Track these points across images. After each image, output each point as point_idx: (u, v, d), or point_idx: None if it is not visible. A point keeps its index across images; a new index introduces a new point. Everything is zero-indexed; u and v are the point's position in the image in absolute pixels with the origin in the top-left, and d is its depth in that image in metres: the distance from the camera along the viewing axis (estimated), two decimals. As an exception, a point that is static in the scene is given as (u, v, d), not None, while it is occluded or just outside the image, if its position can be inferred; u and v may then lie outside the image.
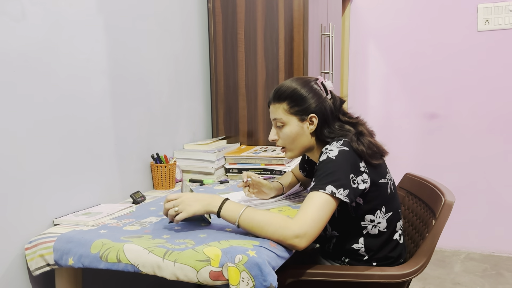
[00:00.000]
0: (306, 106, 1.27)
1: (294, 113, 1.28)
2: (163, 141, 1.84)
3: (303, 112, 1.27)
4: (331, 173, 1.12)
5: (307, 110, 1.27)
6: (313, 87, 1.28)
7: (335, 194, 1.10)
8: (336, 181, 1.11)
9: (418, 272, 1.14)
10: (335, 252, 1.30)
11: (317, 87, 1.29)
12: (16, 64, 1.17)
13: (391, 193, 1.25)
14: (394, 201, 1.27)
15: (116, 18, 1.53)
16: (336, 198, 1.10)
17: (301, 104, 1.27)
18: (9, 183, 1.16)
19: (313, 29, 2.06)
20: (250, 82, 2.08)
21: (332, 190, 1.10)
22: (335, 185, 1.11)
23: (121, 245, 1.07)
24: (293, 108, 1.28)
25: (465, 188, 2.87)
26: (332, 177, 1.11)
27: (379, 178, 1.21)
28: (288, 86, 1.29)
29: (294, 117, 1.28)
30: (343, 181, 1.12)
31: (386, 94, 3.04)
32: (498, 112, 2.78)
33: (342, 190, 1.11)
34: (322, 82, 1.30)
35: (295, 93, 1.28)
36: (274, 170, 1.80)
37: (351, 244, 1.25)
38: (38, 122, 1.24)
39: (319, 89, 1.29)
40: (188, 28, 2.00)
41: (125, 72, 1.59)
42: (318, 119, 1.27)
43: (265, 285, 0.95)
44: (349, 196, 1.12)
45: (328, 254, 1.33)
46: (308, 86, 1.28)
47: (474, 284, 2.46)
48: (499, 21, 2.70)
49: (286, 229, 1.06)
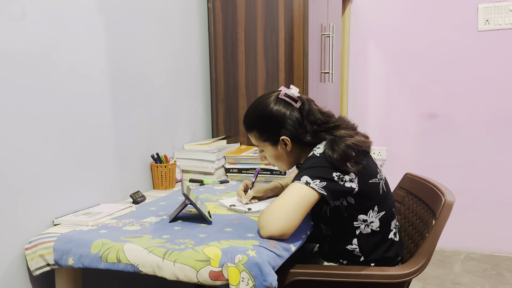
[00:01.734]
0: (274, 130, 1.26)
1: (265, 140, 1.29)
2: (163, 141, 1.84)
3: (273, 137, 1.27)
4: (312, 167, 1.14)
5: (277, 134, 1.26)
6: (276, 106, 1.26)
7: (310, 184, 1.11)
8: (313, 173, 1.12)
9: (418, 272, 1.14)
10: (331, 253, 1.30)
11: (283, 101, 1.26)
12: (16, 64, 1.17)
13: (383, 192, 1.25)
14: (388, 200, 1.27)
15: (116, 18, 1.53)
16: (311, 188, 1.11)
17: (268, 130, 1.27)
18: (9, 183, 1.16)
19: (313, 29, 2.06)
20: (250, 82, 2.08)
21: (307, 180, 1.11)
22: (311, 175, 1.12)
23: (121, 245, 1.07)
24: (263, 135, 1.29)
25: (465, 188, 2.87)
26: (311, 171, 1.13)
27: (368, 178, 1.21)
28: (252, 115, 1.30)
29: (267, 143, 1.30)
30: (321, 174, 1.13)
31: (386, 94, 3.04)
32: (498, 112, 2.78)
33: (318, 181, 1.11)
34: (286, 94, 1.27)
35: (259, 120, 1.28)
36: (274, 170, 1.80)
37: (345, 245, 1.25)
38: (38, 122, 1.24)
39: (284, 104, 1.26)
40: (188, 28, 2.00)
41: (125, 72, 1.59)
42: (290, 139, 1.26)
43: (265, 285, 0.95)
44: (327, 188, 1.12)
45: (325, 255, 1.33)
46: (271, 107, 1.26)
47: (474, 284, 2.46)
48: (499, 21, 2.70)
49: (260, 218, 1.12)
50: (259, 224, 1.11)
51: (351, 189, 1.16)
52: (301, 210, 1.10)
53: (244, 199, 1.42)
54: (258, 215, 1.30)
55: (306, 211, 1.11)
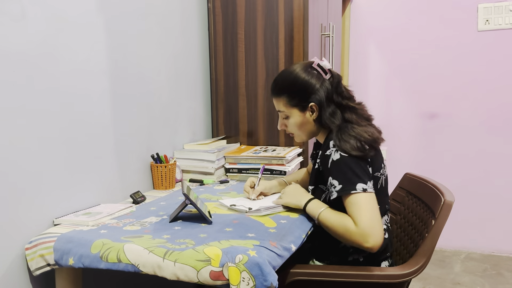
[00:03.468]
0: (305, 96, 1.29)
1: (294, 105, 1.32)
2: (163, 141, 1.84)
3: (302, 103, 1.30)
4: (353, 171, 1.17)
5: (306, 100, 1.29)
6: (309, 74, 1.29)
7: (367, 190, 1.15)
8: (361, 177, 1.16)
9: (418, 272, 1.14)
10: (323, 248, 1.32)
11: (315, 71, 1.30)
12: (16, 64, 1.17)
13: (380, 187, 1.28)
14: (383, 196, 1.29)
15: (116, 18, 1.53)
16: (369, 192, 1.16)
17: (299, 95, 1.30)
18: (9, 183, 1.16)
19: (313, 29, 2.06)
20: (250, 82, 2.08)
21: (363, 187, 1.15)
22: (363, 181, 1.16)
23: (122, 245, 1.07)
24: (293, 100, 1.31)
25: (465, 188, 2.87)
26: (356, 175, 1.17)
27: (374, 171, 1.24)
28: (285, 79, 1.33)
29: (295, 109, 1.32)
30: (366, 173, 1.18)
31: (386, 94, 3.04)
32: (498, 112, 2.78)
33: (369, 183, 1.17)
34: (319, 64, 1.30)
35: (292, 86, 1.31)
36: (274, 170, 1.80)
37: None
38: (38, 122, 1.24)
39: (316, 73, 1.30)
40: (188, 28, 2.00)
41: (125, 72, 1.59)
42: (318, 106, 1.29)
43: (265, 285, 0.96)
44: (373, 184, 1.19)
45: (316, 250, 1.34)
46: (304, 74, 1.30)
47: (474, 284, 2.46)
48: (499, 21, 2.71)
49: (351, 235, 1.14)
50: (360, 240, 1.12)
51: None
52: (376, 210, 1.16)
53: (252, 195, 1.47)
54: (258, 214, 1.31)
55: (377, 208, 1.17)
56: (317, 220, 1.23)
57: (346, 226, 1.15)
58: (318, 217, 1.23)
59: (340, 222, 1.17)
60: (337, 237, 1.19)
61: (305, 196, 1.31)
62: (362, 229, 1.12)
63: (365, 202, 1.14)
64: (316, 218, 1.23)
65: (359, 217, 1.13)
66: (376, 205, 1.16)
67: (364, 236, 1.11)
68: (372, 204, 1.15)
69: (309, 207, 1.27)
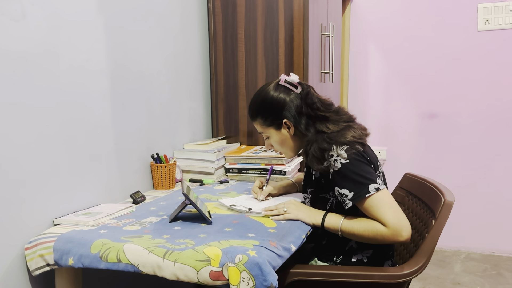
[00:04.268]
0: (276, 114, 1.32)
1: (269, 125, 1.35)
2: (163, 141, 1.84)
3: (276, 121, 1.33)
4: (360, 175, 1.17)
5: (279, 117, 1.32)
6: (277, 91, 1.32)
7: (379, 188, 1.16)
8: (369, 178, 1.17)
9: (418, 272, 1.14)
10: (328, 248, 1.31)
11: (283, 88, 1.32)
12: (16, 64, 1.17)
13: None
14: None
15: (116, 18, 1.53)
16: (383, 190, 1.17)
17: (271, 114, 1.33)
18: (9, 183, 1.16)
19: (313, 29, 2.06)
20: (250, 82, 2.08)
21: (375, 187, 1.16)
22: (372, 181, 1.17)
23: (121, 245, 1.07)
24: (266, 120, 1.34)
25: (465, 188, 2.87)
26: (364, 177, 1.17)
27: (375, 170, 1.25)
28: (255, 102, 1.37)
29: (271, 128, 1.35)
30: (371, 173, 1.19)
31: (386, 94, 3.04)
32: (498, 112, 2.78)
33: (378, 179, 1.18)
34: (286, 80, 1.33)
35: (262, 106, 1.34)
36: (274, 170, 1.80)
37: (345, 240, 1.27)
38: (37, 122, 1.24)
39: (284, 90, 1.32)
40: (188, 27, 2.00)
41: (125, 72, 1.59)
42: (292, 122, 1.31)
43: (265, 285, 0.96)
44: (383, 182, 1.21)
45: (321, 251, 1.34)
46: (272, 93, 1.32)
47: (474, 284, 2.46)
48: (499, 21, 2.70)
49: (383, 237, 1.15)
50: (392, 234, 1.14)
51: None
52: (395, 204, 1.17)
53: (261, 196, 1.48)
54: (258, 215, 1.31)
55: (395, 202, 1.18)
56: (340, 232, 1.22)
57: (375, 229, 1.15)
58: (341, 229, 1.21)
59: (367, 227, 1.17)
60: (366, 241, 1.20)
61: (318, 213, 1.28)
62: (393, 227, 1.13)
63: (383, 200, 1.15)
64: (338, 230, 1.22)
65: (385, 217, 1.14)
66: (392, 198, 1.17)
67: (397, 233, 1.13)
68: (390, 199, 1.16)
69: (327, 222, 1.24)
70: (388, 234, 1.14)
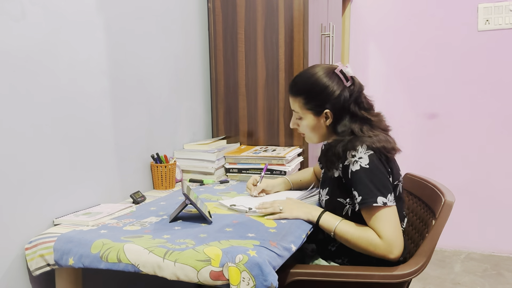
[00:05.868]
0: (322, 101, 1.27)
1: (309, 109, 1.30)
2: (163, 141, 1.84)
3: (318, 108, 1.28)
4: (374, 184, 1.16)
5: (322, 106, 1.27)
6: (330, 79, 1.26)
7: (387, 204, 1.15)
8: (381, 191, 1.16)
9: (418, 272, 1.14)
10: (338, 251, 1.30)
11: (336, 77, 1.27)
12: (16, 64, 1.17)
13: (399, 194, 1.28)
14: (400, 202, 1.29)
15: (116, 18, 1.53)
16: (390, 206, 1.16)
17: (316, 99, 1.28)
18: (9, 183, 1.16)
19: (313, 29, 2.06)
20: (250, 82, 2.08)
21: (383, 200, 1.15)
22: (383, 195, 1.15)
23: (122, 245, 1.07)
24: (309, 103, 1.29)
25: (465, 188, 2.87)
26: (376, 188, 1.16)
27: (394, 180, 1.24)
28: (305, 81, 1.30)
29: (310, 112, 1.30)
30: (386, 186, 1.17)
31: (386, 94, 3.04)
32: (498, 112, 2.78)
33: (390, 195, 1.16)
34: (342, 70, 1.27)
35: (310, 89, 1.28)
36: (274, 170, 1.80)
37: None
38: (38, 122, 1.24)
39: (337, 79, 1.27)
40: (188, 28, 2.00)
41: (125, 72, 1.59)
42: (333, 114, 1.27)
43: (265, 285, 0.95)
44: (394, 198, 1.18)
45: (329, 254, 1.33)
46: (325, 79, 1.26)
47: (474, 284, 2.46)
48: (499, 21, 2.71)
49: (375, 248, 1.15)
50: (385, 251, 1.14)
51: None
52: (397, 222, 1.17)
53: (254, 192, 1.48)
54: (259, 215, 1.31)
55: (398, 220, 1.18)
56: (333, 233, 1.22)
57: (370, 239, 1.15)
58: (335, 230, 1.21)
59: (362, 235, 1.17)
60: (357, 249, 1.19)
61: (316, 209, 1.28)
62: (387, 241, 1.13)
63: (386, 216, 1.15)
64: (332, 231, 1.22)
65: (383, 230, 1.14)
66: (397, 218, 1.17)
67: (389, 248, 1.13)
68: (393, 217, 1.16)
69: (323, 220, 1.24)
70: (380, 246, 1.14)
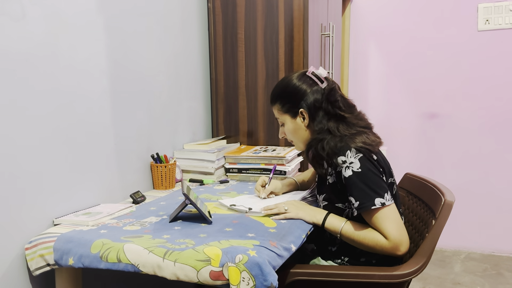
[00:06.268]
0: (295, 102, 1.32)
1: (286, 111, 1.35)
2: (163, 141, 1.84)
3: (293, 109, 1.33)
4: (369, 186, 1.17)
5: (296, 106, 1.32)
6: (301, 80, 1.32)
7: (385, 203, 1.16)
8: (377, 192, 1.16)
9: (418, 272, 1.14)
10: (339, 251, 1.31)
11: (308, 78, 1.32)
12: (16, 64, 1.17)
13: (396, 192, 1.29)
14: (398, 201, 1.29)
15: (116, 18, 1.53)
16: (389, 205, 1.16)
17: (290, 101, 1.33)
18: (9, 183, 1.16)
19: (313, 29, 2.06)
20: (250, 82, 2.08)
21: (381, 201, 1.16)
22: (380, 195, 1.16)
23: (121, 245, 1.07)
24: (284, 106, 1.35)
25: (465, 188, 2.87)
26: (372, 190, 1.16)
27: (387, 178, 1.25)
28: (279, 87, 1.38)
29: (287, 115, 1.36)
30: (381, 186, 1.17)
31: (386, 94, 3.04)
32: (498, 112, 2.78)
33: (386, 195, 1.17)
34: (313, 72, 1.32)
35: (283, 92, 1.35)
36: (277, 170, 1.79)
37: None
38: (38, 121, 1.24)
39: (309, 81, 1.31)
40: (188, 28, 2.00)
41: (125, 72, 1.59)
42: (308, 113, 1.30)
43: (265, 285, 0.96)
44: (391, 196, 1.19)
45: (330, 254, 1.33)
46: (295, 81, 1.32)
47: (474, 284, 2.46)
48: (499, 20, 2.70)
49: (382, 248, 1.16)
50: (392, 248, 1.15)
51: None
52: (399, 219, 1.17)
53: (263, 194, 1.49)
54: (258, 215, 1.31)
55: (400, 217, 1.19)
56: (339, 234, 1.23)
57: (376, 239, 1.16)
58: (341, 232, 1.22)
59: (368, 236, 1.18)
60: (364, 248, 1.20)
61: (320, 212, 1.28)
62: (393, 241, 1.14)
63: (387, 215, 1.15)
64: (338, 232, 1.22)
65: (387, 230, 1.15)
66: (397, 214, 1.17)
67: (396, 247, 1.14)
68: (394, 214, 1.16)
69: (328, 223, 1.24)
70: (387, 246, 1.15)
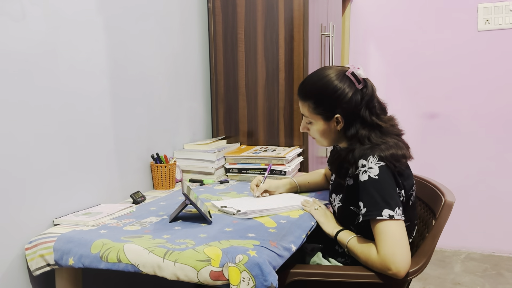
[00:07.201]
0: (332, 106, 1.21)
1: (319, 113, 1.24)
2: (163, 141, 1.84)
3: (328, 112, 1.23)
4: (381, 196, 1.11)
5: (333, 110, 1.22)
6: (341, 82, 1.20)
7: (394, 217, 1.09)
8: (389, 203, 1.10)
9: (418, 272, 1.14)
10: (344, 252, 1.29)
11: (347, 79, 1.21)
12: (16, 64, 1.17)
13: (412, 203, 1.25)
14: (413, 211, 1.26)
15: (116, 18, 1.53)
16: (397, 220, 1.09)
17: (326, 104, 1.22)
18: (9, 183, 1.16)
19: (313, 29, 2.06)
20: (250, 82, 2.08)
21: (389, 213, 1.09)
22: (390, 207, 1.10)
23: (122, 245, 1.07)
24: (318, 108, 1.24)
25: (465, 188, 2.87)
26: (383, 200, 1.10)
27: (408, 190, 1.21)
28: (314, 84, 1.25)
29: (319, 117, 1.25)
30: (394, 199, 1.11)
31: (386, 94, 3.03)
32: (498, 112, 2.78)
33: (397, 209, 1.10)
34: (353, 73, 1.21)
35: (320, 92, 1.22)
36: (274, 170, 1.80)
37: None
38: (38, 121, 1.23)
39: (349, 82, 1.20)
40: (188, 28, 2.00)
41: (125, 72, 1.59)
42: (344, 119, 1.22)
43: (265, 285, 0.95)
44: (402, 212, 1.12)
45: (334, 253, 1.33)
46: (336, 82, 1.20)
47: (474, 284, 2.46)
48: (499, 21, 2.70)
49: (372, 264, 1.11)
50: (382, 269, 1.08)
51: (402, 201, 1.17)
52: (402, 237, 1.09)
53: (256, 192, 1.48)
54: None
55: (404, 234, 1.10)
56: (346, 248, 1.22)
57: (368, 254, 1.13)
58: (347, 245, 1.21)
59: (364, 250, 1.15)
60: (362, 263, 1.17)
61: (336, 226, 1.28)
62: (381, 257, 1.08)
63: (391, 230, 1.09)
64: (345, 246, 1.21)
65: (379, 245, 1.09)
66: (402, 233, 1.09)
67: (385, 264, 1.07)
68: (397, 232, 1.08)
69: (339, 236, 1.24)
70: (375, 262, 1.10)
